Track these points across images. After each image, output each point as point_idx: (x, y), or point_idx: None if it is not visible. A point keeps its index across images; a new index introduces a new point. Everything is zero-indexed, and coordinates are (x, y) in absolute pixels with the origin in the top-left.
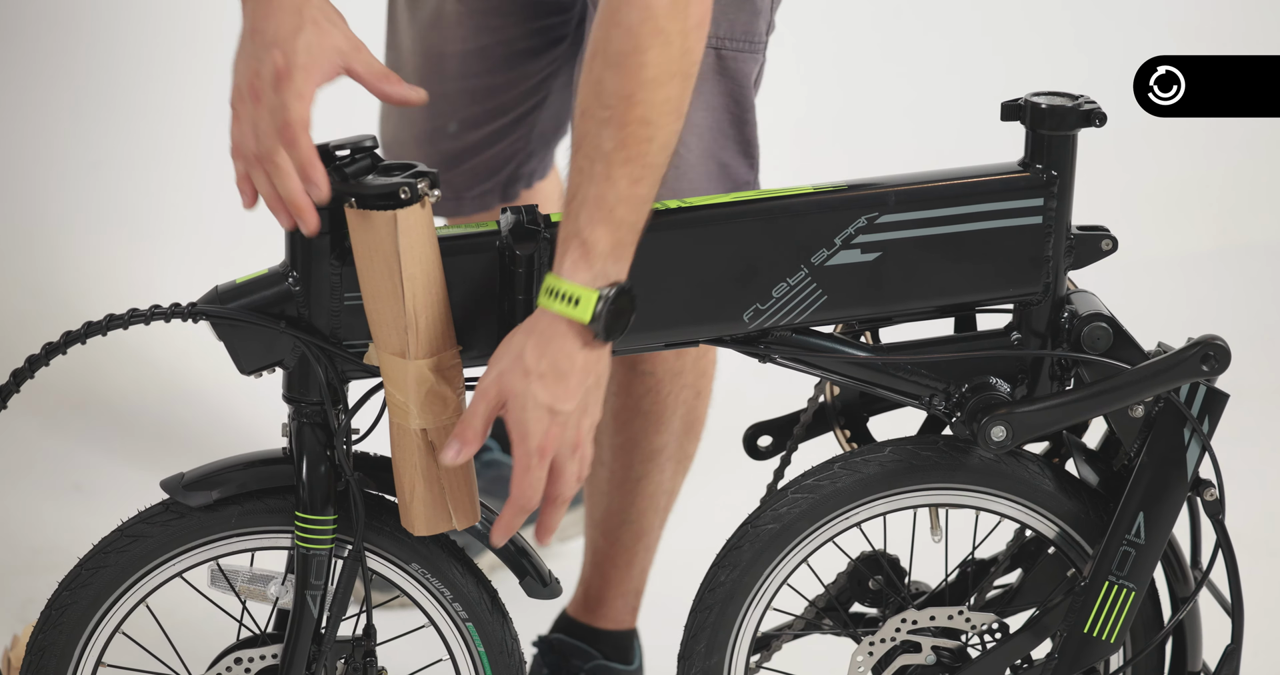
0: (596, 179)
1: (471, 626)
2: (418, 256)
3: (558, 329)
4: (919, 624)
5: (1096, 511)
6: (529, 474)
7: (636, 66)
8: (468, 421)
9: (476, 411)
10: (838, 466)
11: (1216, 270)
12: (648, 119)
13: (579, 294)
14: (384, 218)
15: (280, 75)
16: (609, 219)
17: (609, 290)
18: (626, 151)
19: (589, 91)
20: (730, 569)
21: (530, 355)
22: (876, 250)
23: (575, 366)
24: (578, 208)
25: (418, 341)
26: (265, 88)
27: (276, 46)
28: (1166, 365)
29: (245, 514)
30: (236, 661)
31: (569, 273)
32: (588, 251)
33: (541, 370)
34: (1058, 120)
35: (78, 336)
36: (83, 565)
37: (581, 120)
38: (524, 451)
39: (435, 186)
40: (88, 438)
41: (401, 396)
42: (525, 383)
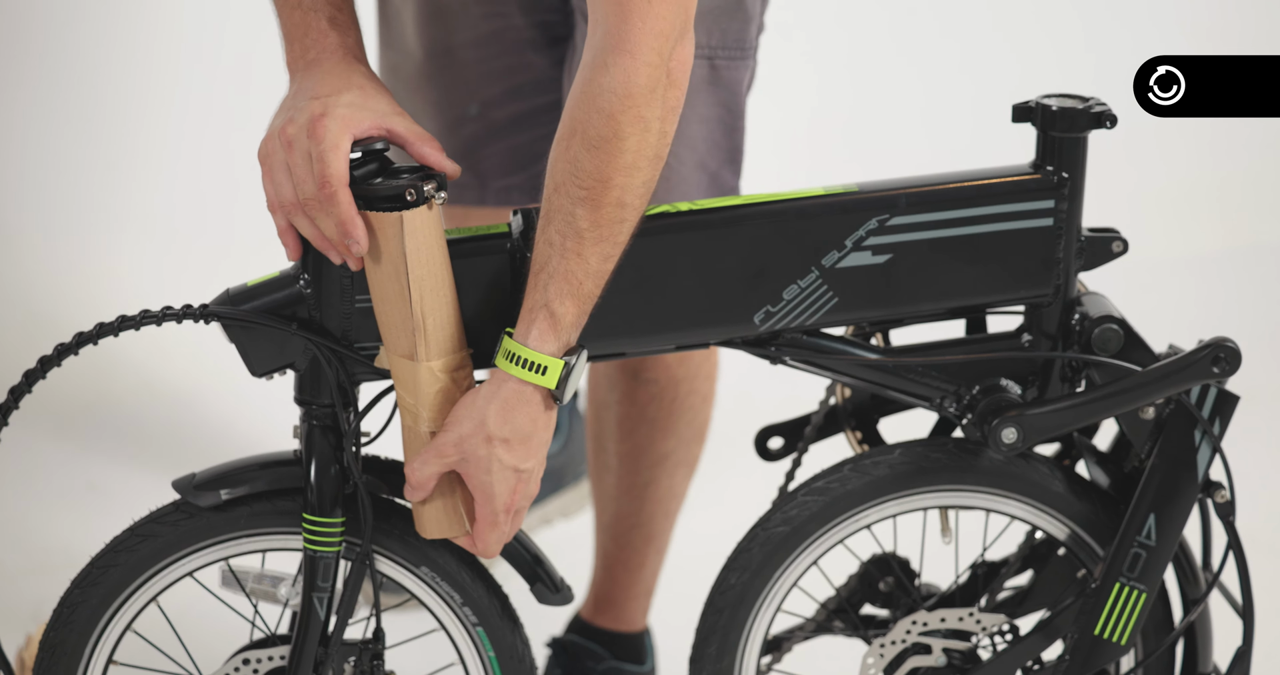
0: (569, 255)
1: (482, 631)
2: (425, 258)
3: (523, 395)
4: (930, 626)
5: (1107, 513)
6: (496, 529)
7: (616, 152)
8: (414, 471)
9: (428, 465)
10: (847, 469)
11: (1225, 272)
12: (623, 201)
13: (546, 363)
14: (390, 220)
15: (315, 121)
16: (576, 293)
17: (573, 358)
18: (599, 231)
19: (565, 168)
20: (741, 572)
21: (494, 422)
22: (887, 252)
23: (538, 428)
24: (546, 280)
25: (426, 344)
26: (299, 134)
27: (318, 99)
28: (1177, 367)
29: (255, 515)
30: (245, 662)
31: (536, 343)
32: (555, 323)
33: (505, 435)
34: (1069, 122)
35: (89, 337)
36: (94, 564)
37: (555, 195)
38: (490, 510)
39: (442, 188)
40: (101, 439)
41: (411, 399)
42: (489, 448)
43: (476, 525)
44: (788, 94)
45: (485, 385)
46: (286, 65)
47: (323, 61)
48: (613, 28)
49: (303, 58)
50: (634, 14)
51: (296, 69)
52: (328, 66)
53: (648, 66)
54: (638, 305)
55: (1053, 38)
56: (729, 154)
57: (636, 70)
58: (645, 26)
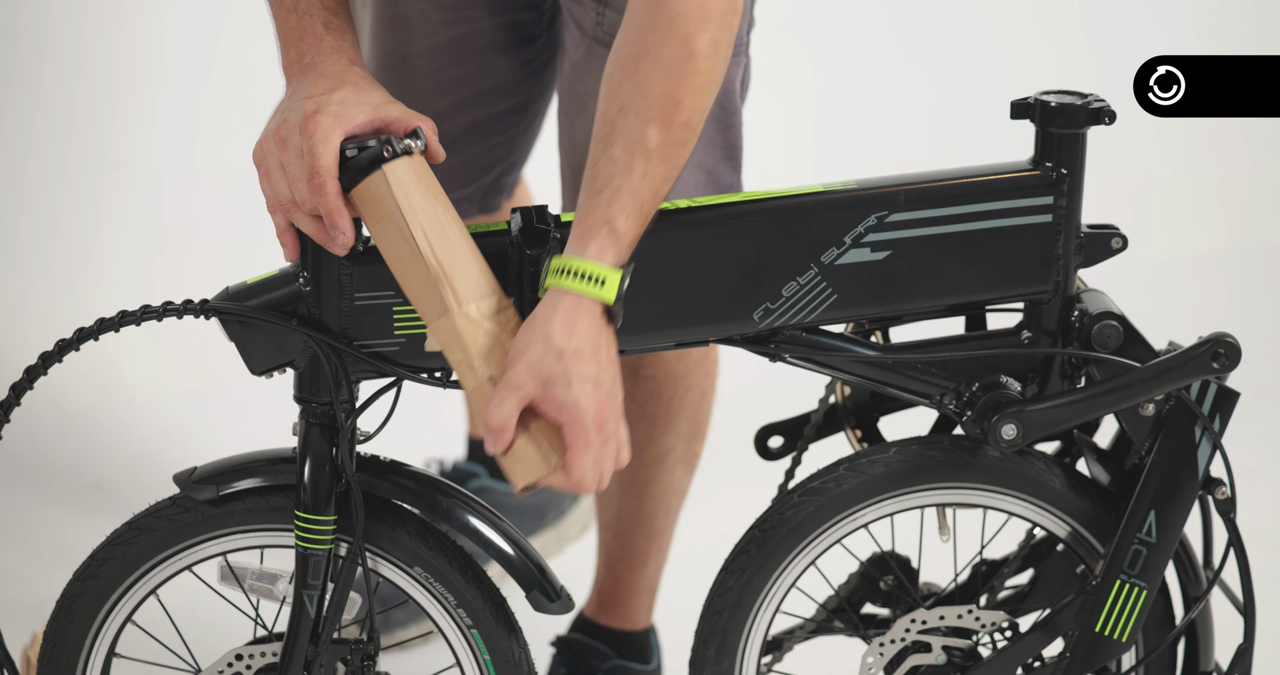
0: (635, 174)
1: (477, 633)
2: (419, 206)
3: (582, 307)
4: (929, 624)
5: (1107, 510)
6: (591, 450)
7: (690, 73)
8: (497, 414)
9: (505, 402)
10: (843, 468)
11: (1227, 272)
12: (690, 123)
13: (605, 275)
14: (375, 181)
15: (307, 118)
16: (638, 212)
17: (627, 272)
18: (666, 152)
19: (632, 89)
20: (739, 574)
21: (560, 336)
22: (886, 249)
23: (603, 340)
24: (609, 198)
25: (453, 291)
26: (292, 132)
27: (311, 98)
28: (1177, 363)
29: (249, 511)
30: (238, 658)
31: (595, 255)
32: (617, 239)
33: (575, 347)
34: (1067, 118)
35: (90, 333)
36: (93, 557)
37: (620, 116)
38: (581, 428)
39: (418, 136)
40: (108, 438)
41: (461, 354)
42: (563, 363)
43: (570, 452)
44: (788, 92)
45: (539, 307)
46: (282, 69)
47: (318, 64)
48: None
49: (298, 62)
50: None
51: (292, 73)
52: (323, 69)
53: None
54: (636, 303)
55: (1053, 37)
56: (725, 150)
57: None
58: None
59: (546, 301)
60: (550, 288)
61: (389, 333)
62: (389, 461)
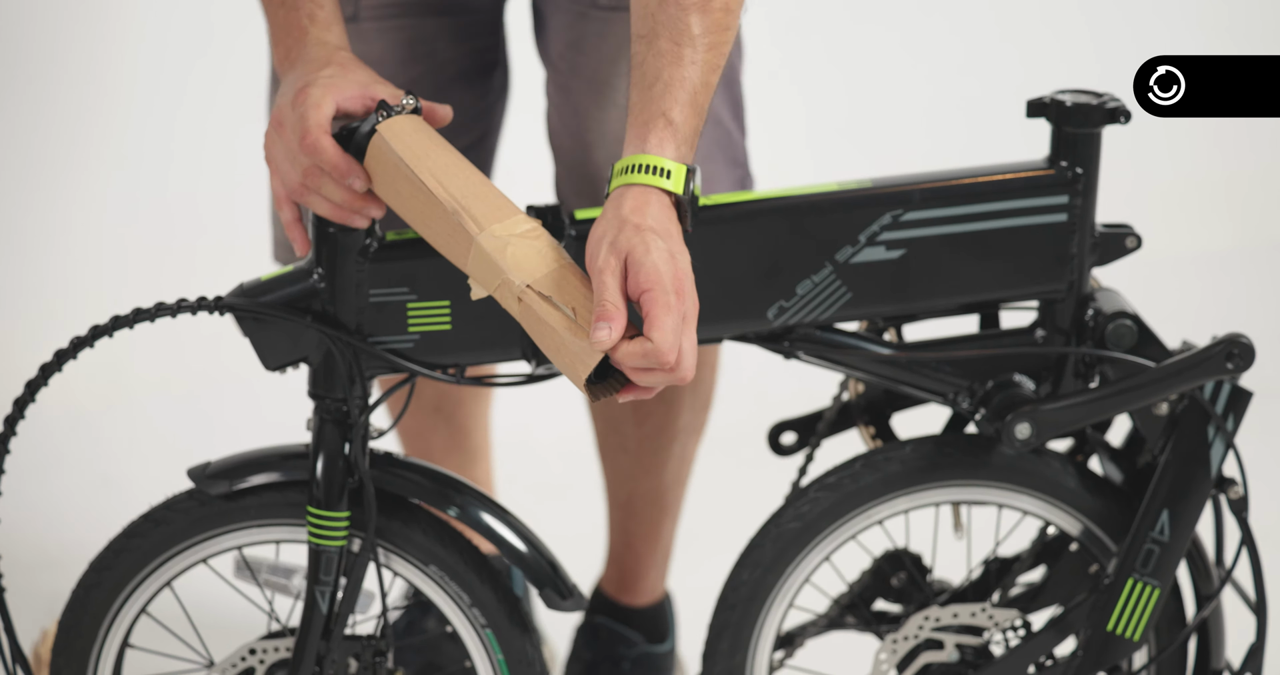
0: (684, 63)
1: (490, 633)
2: (421, 153)
3: (651, 196)
4: (942, 621)
5: (1120, 509)
6: (670, 314)
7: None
8: (603, 298)
9: (605, 285)
10: (859, 464)
11: (1233, 270)
12: (729, 7)
13: (669, 167)
14: (375, 144)
15: (298, 93)
16: (692, 102)
17: (694, 170)
18: (710, 38)
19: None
20: (753, 568)
21: (633, 215)
22: (901, 247)
23: (673, 225)
24: (661, 90)
25: (473, 219)
26: (285, 112)
27: (301, 78)
28: (1191, 363)
29: (265, 505)
30: (251, 652)
31: (655, 148)
32: (675, 130)
33: (650, 224)
34: (1083, 118)
35: (104, 330)
36: (109, 548)
37: (660, 10)
38: (662, 290)
39: (410, 94)
40: (116, 434)
41: (497, 276)
42: (640, 234)
43: (652, 315)
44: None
45: (606, 204)
46: (274, 66)
47: (304, 54)
48: None
49: (286, 58)
50: None
51: (283, 69)
52: (308, 55)
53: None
54: None
55: (1053, 37)
56: (732, 109)
57: None
58: None
59: (613, 197)
60: (615, 188)
61: (403, 329)
62: (402, 459)
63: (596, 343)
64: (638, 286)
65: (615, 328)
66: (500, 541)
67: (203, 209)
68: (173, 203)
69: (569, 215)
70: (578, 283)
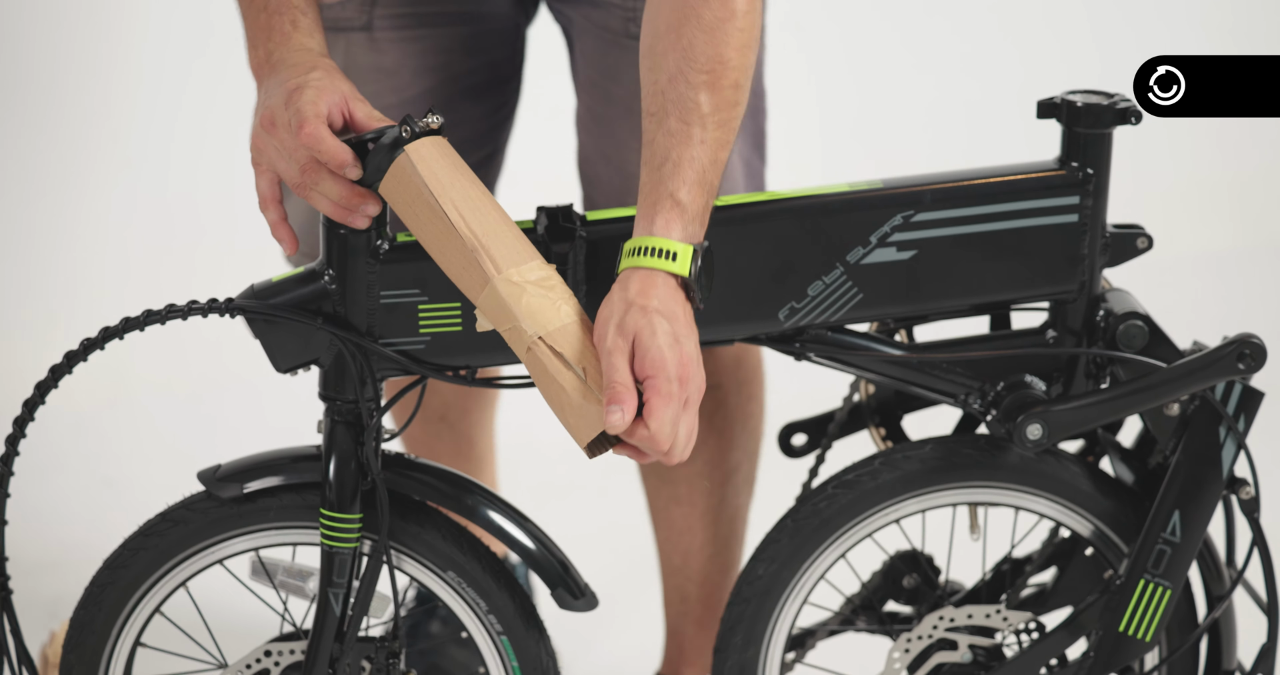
0: (692, 142)
1: (506, 640)
2: (447, 182)
3: (655, 279)
4: (957, 621)
5: (1131, 509)
6: (669, 404)
7: (732, 31)
8: (615, 380)
9: (616, 367)
10: (879, 462)
11: (1239, 270)
12: (739, 83)
13: (675, 249)
14: (400, 163)
15: (290, 93)
16: (700, 181)
17: (701, 247)
18: (719, 115)
19: (678, 57)
20: (769, 562)
21: (639, 297)
22: (912, 248)
23: (679, 308)
24: (670, 171)
25: (491, 259)
26: (278, 111)
27: (289, 81)
28: (1203, 363)
29: (284, 508)
30: (266, 654)
31: (662, 230)
32: (682, 211)
33: (657, 307)
34: (1094, 118)
35: (114, 332)
36: (124, 546)
37: (670, 86)
38: (665, 378)
39: (433, 113)
40: (118, 435)
41: (508, 320)
42: (646, 316)
43: (651, 402)
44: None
45: (614, 286)
46: (251, 69)
47: (287, 58)
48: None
49: (267, 61)
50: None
51: (262, 72)
52: (292, 60)
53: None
54: None
55: (1053, 37)
56: (754, 138)
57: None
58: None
59: (620, 279)
60: (623, 271)
61: (414, 331)
62: (413, 459)
63: (610, 426)
64: (642, 370)
65: (628, 411)
66: (512, 541)
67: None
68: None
69: (580, 216)
70: (589, 341)
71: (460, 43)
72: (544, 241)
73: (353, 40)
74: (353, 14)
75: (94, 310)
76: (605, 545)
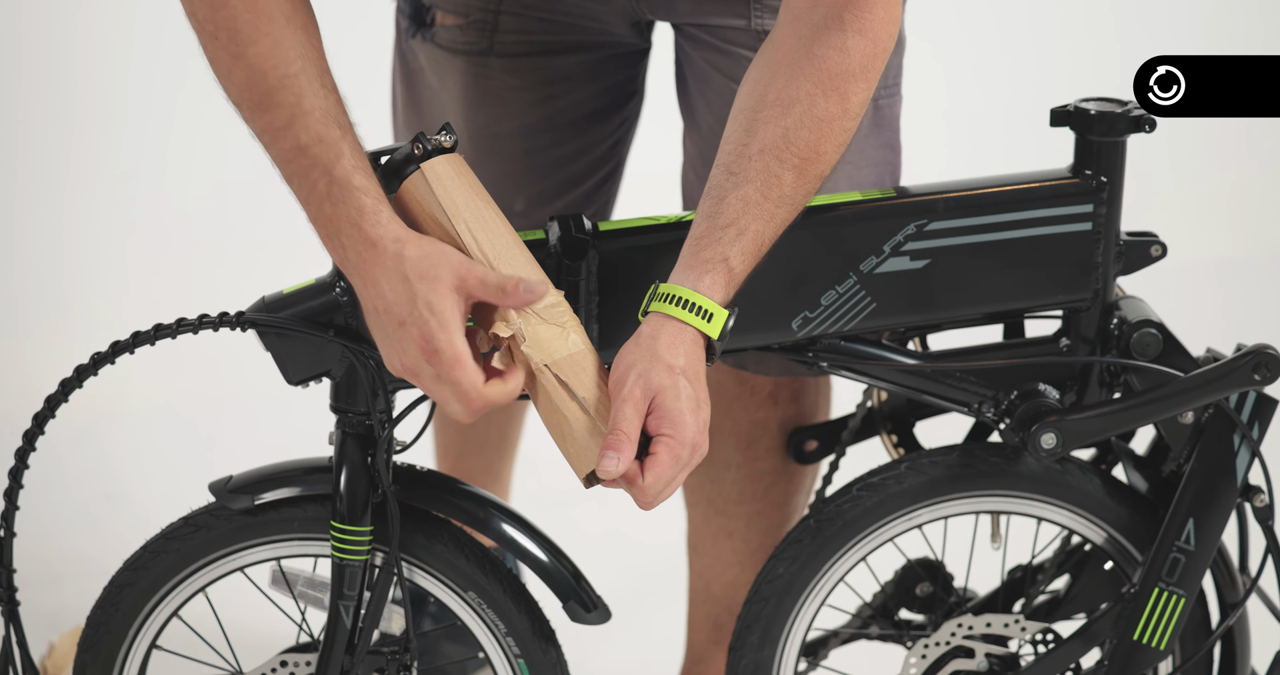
0: (763, 216)
1: (523, 663)
2: (461, 201)
3: (685, 335)
4: (974, 629)
5: (1145, 518)
6: (678, 464)
7: (840, 131)
8: (619, 428)
9: (625, 416)
10: (904, 467)
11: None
12: (823, 175)
13: (714, 310)
14: (414, 180)
15: (427, 352)
16: (757, 253)
17: (733, 313)
18: (796, 199)
19: (778, 134)
20: (789, 562)
21: (668, 353)
22: (926, 257)
23: (701, 370)
24: (734, 235)
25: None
26: (422, 367)
27: (410, 324)
28: (1219, 373)
29: (309, 519)
30: (282, 664)
31: (708, 290)
32: (731, 277)
33: (683, 366)
34: (1107, 126)
35: (125, 346)
36: (145, 548)
37: (761, 156)
38: (679, 442)
39: (448, 131)
40: (117, 449)
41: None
42: (673, 377)
43: (659, 460)
44: None
45: (643, 328)
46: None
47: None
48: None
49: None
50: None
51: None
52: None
53: (884, 50)
54: None
55: (1053, 38)
56: None
57: (877, 55)
58: (885, 9)
59: (649, 324)
60: (654, 312)
61: None
62: (425, 471)
63: (602, 471)
64: (658, 428)
65: (624, 460)
66: (524, 553)
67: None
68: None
69: (593, 226)
70: (595, 371)
71: (582, 69)
72: (556, 253)
73: (472, 64)
74: (473, 38)
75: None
76: (606, 554)
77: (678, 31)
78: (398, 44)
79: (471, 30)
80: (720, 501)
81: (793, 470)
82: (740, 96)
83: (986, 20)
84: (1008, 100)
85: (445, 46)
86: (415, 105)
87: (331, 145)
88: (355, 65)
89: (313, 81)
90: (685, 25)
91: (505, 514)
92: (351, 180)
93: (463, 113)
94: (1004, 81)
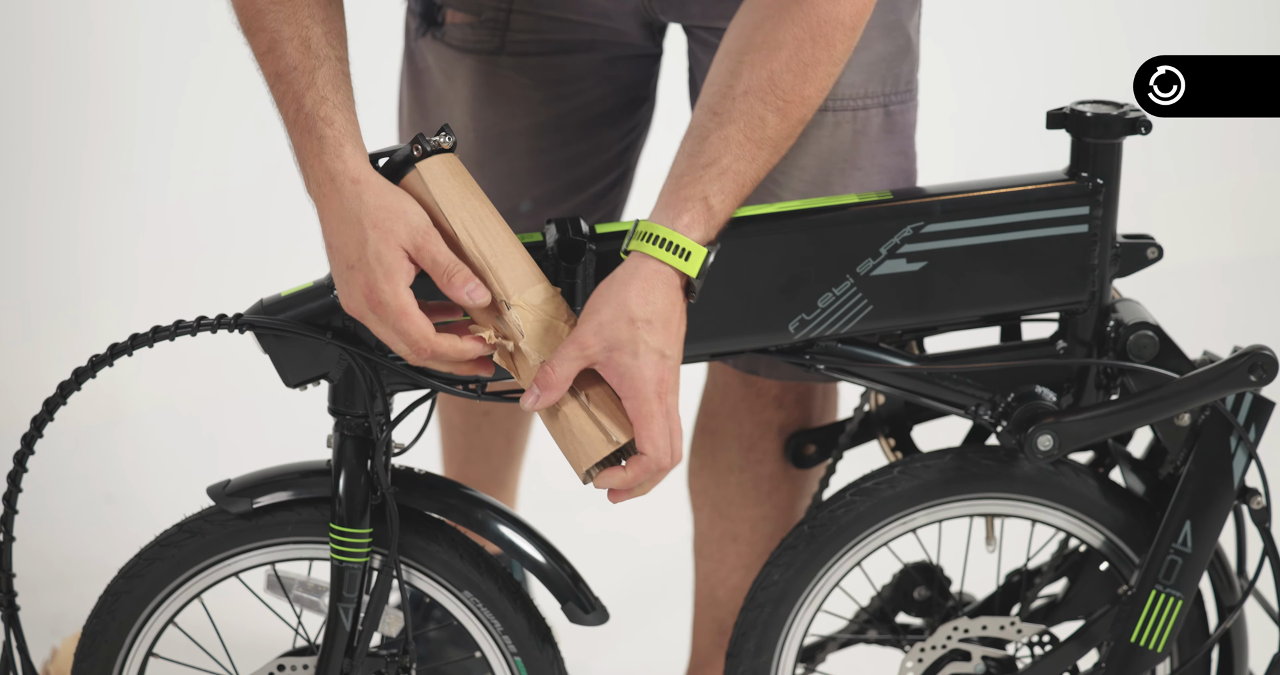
0: (745, 157)
1: (520, 661)
2: (457, 201)
3: (662, 276)
4: (971, 632)
5: (1142, 520)
6: (655, 421)
7: (823, 76)
8: (554, 368)
9: (566, 358)
10: (897, 471)
11: (1244, 278)
12: (805, 118)
13: (692, 248)
14: (410, 180)
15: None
16: (737, 193)
17: (713, 250)
18: (778, 142)
19: (764, 77)
20: (785, 568)
21: (635, 302)
22: (922, 260)
23: (675, 312)
24: (715, 174)
25: (500, 282)
26: (367, 313)
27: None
28: (1215, 375)
29: (302, 522)
30: (280, 668)
31: (685, 228)
32: (710, 215)
33: (647, 316)
34: (1103, 128)
35: (124, 349)
36: (140, 556)
37: (745, 98)
38: (645, 398)
39: (446, 132)
40: (118, 451)
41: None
42: (632, 330)
43: (638, 425)
44: None
45: (619, 269)
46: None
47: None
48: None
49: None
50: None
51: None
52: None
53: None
54: None
55: (1053, 38)
56: None
57: (866, 6)
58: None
59: (627, 265)
60: (634, 251)
61: None
62: (423, 474)
63: (523, 404)
64: (618, 386)
65: (545, 398)
66: (523, 555)
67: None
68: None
69: (590, 228)
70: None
71: (593, 69)
72: (554, 255)
73: (482, 63)
74: (484, 37)
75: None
76: (611, 557)
77: (690, 35)
78: (406, 45)
79: (483, 28)
80: (725, 505)
81: (796, 474)
82: (727, 39)
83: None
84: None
85: (455, 45)
86: (420, 106)
87: (305, 74)
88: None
89: (299, 10)
90: (697, 29)
91: (502, 516)
92: (318, 111)
93: (471, 112)
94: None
